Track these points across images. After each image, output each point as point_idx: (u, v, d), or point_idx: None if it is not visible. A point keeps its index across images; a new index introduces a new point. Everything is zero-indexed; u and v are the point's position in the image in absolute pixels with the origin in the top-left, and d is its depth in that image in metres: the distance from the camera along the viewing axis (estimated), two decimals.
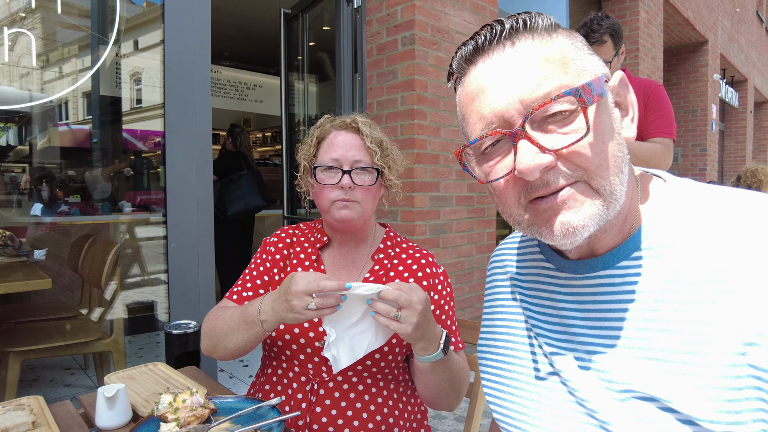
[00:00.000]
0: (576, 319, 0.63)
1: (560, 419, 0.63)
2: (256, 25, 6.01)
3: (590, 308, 0.62)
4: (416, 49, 2.98)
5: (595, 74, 0.58)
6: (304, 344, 1.08)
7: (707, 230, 0.55)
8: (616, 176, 0.56)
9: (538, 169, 0.54)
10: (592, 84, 0.55)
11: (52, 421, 0.93)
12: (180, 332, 1.65)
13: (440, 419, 2.56)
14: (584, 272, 0.63)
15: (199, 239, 2.20)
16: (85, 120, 3.49)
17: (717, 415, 0.49)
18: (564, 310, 0.65)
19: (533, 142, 0.54)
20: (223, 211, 4.05)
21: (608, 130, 0.56)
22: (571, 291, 0.65)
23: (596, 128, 0.55)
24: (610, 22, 2.06)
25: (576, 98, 0.53)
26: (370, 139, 1.12)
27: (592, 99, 0.54)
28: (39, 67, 2.78)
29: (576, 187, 0.55)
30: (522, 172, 0.54)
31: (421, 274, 1.14)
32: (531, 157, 0.54)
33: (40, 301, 2.87)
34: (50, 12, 2.32)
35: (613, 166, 0.55)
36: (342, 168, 1.10)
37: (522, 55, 0.56)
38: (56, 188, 3.25)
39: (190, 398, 0.88)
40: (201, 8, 2.18)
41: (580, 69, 0.57)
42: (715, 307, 0.51)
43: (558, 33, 0.58)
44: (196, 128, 2.17)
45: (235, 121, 7.48)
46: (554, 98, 0.53)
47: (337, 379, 1.06)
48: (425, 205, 3.09)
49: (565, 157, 0.55)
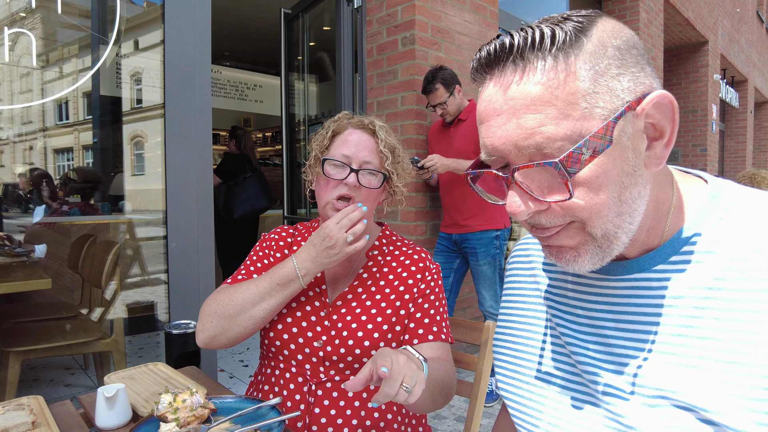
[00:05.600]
0: (607, 321, 0.61)
1: (580, 420, 0.62)
2: (256, 25, 6.01)
3: (623, 310, 0.60)
4: (416, 49, 2.98)
5: (609, 111, 0.51)
6: (302, 344, 1.07)
7: (751, 236, 0.53)
8: (613, 220, 0.53)
9: (524, 214, 0.54)
10: (585, 142, 0.49)
11: (52, 421, 0.93)
12: (180, 332, 1.65)
13: (440, 419, 2.56)
14: (617, 274, 0.61)
15: (199, 239, 2.20)
16: (86, 120, 3.49)
17: (756, 427, 0.47)
18: (594, 311, 0.63)
19: (523, 190, 0.54)
20: (230, 214, 4.10)
21: (609, 180, 0.52)
22: (601, 292, 0.63)
23: (590, 184, 0.51)
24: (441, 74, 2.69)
25: (557, 170, 0.50)
26: (384, 144, 1.11)
27: (580, 163, 0.50)
28: (39, 67, 2.78)
29: (569, 229, 0.55)
30: (511, 214, 0.55)
31: (414, 268, 1.14)
32: (518, 204, 0.54)
33: (40, 301, 2.87)
34: (50, 12, 2.32)
35: (607, 214, 0.53)
36: (351, 165, 1.09)
37: (525, 90, 0.52)
38: (56, 189, 3.26)
39: (190, 398, 0.88)
40: (201, 8, 2.18)
41: (591, 107, 0.50)
42: (758, 317, 0.49)
43: (580, 52, 0.51)
44: (196, 128, 2.17)
45: (235, 121, 7.50)
46: (535, 164, 0.51)
47: (335, 379, 1.06)
48: (425, 205, 3.09)
49: (558, 205, 0.53)
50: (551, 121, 0.50)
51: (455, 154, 2.71)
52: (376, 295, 1.11)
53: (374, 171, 1.11)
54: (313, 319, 1.09)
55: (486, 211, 2.76)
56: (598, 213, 0.52)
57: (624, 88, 0.52)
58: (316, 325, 1.08)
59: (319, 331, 1.08)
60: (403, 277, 1.13)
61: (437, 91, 2.69)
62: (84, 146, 3.61)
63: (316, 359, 1.07)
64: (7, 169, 3.32)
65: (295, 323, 1.09)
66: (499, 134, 0.54)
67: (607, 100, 0.51)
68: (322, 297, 1.13)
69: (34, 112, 3.32)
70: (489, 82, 0.55)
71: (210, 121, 2.22)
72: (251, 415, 0.94)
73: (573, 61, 0.51)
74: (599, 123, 0.50)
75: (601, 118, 0.50)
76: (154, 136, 2.97)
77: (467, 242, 2.78)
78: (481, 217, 2.76)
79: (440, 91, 2.69)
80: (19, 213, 3.21)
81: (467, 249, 2.80)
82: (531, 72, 0.51)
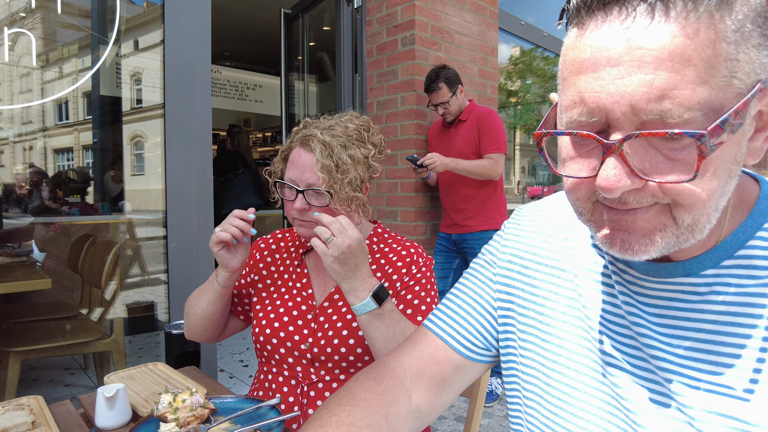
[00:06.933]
0: (646, 321, 0.55)
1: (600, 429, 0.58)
2: (256, 25, 6.01)
3: (665, 314, 0.54)
4: (416, 49, 2.98)
5: (746, 86, 0.43)
6: (291, 347, 1.10)
7: None
8: (710, 213, 0.46)
9: (620, 190, 0.45)
10: (729, 118, 0.41)
11: (51, 421, 0.93)
12: (180, 332, 1.65)
13: (440, 419, 2.56)
14: (659, 276, 0.55)
15: (199, 239, 2.20)
16: (86, 120, 3.49)
17: None
18: (631, 306, 0.57)
19: (626, 163, 0.44)
20: (217, 209, 4.07)
21: (724, 166, 0.45)
22: (640, 291, 0.57)
23: (709, 168, 0.44)
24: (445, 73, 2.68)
25: (697, 144, 0.41)
26: (320, 166, 1.05)
27: (719, 140, 0.42)
28: (39, 67, 2.78)
29: (655, 209, 0.46)
30: (602, 188, 0.45)
31: (400, 264, 1.13)
32: (617, 177, 0.44)
33: (40, 301, 2.87)
34: (50, 12, 2.32)
35: (709, 205, 0.45)
36: (297, 188, 1.07)
37: (660, 38, 0.41)
38: (56, 189, 3.25)
39: (190, 398, 0.88)
40: (201, 8, 2.18)
41: (730, 76, 0.42)
42: None
43: (731, 9, 0.41)
44: (196, 128, 2.17)
45: (235, 121, 7.49)
46: (669, 134, 0.42)
47: (326, 379, 1.08)
48: (425, 205, 3.09)
49: (657, 186, 0.45)
50: (687, 85, 0.41)
51: (455, 154, 2.71)
52: None
53: (319, 191, 1.06)
54: (300, 322, 1.11)
55: (485, 211, 2.76)
56: (699, 202, 0.44)
57: (762, 63, 0.43)
58: (303, 328, 1.10)
59: (305, 333, 1.10)
60: (388, 273, 1.13)
61: (440, 90, 2.69)
62: (84, 146, 3.61)
63: (305, 361, 1.09)
64: (7, 169, 3.32)
65: (282, 327, 1.11)
66: (612, 89, 0.43)
67: (746, 72, 0.42)
68: (309, 300, 1.14)
69: (34, 112, 3.32)
70: (602, 23, 0.44)
71: (210, 121, 2.23)
72: (251, 415, 0.94)
73: (724, 17, 0.41)
74: (734, 97, 0.42)
75: (737, 92, 0.42)
76: (154, 136, 2.97)
77: (467, 242, 2.78)
78: (481, 218, 2.76)
79: (443, 90, 2.69)
80: (19, 213, 3.20)
81: (467, 249, 2.80)
82: (673, 19, 0.41)
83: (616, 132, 0.44)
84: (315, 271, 1.20)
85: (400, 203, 3.11)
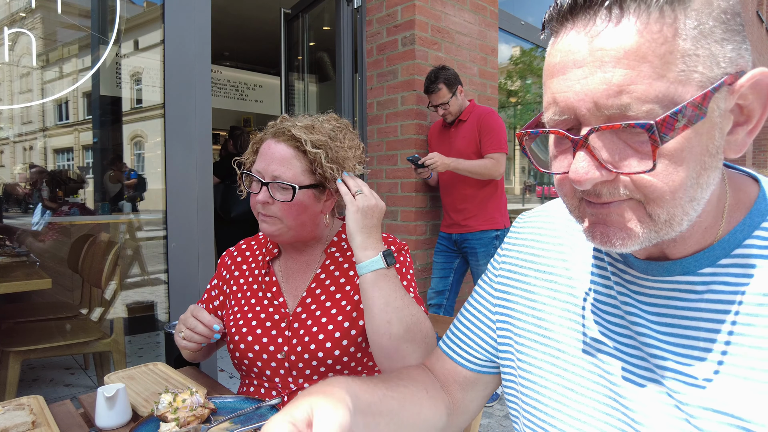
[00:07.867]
0: (645, 320, 0.56)
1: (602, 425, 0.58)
2: (256, 25, 6.01)
3: (664, 312, 0.55)
4: (416, 49, 2.98)
5: (708, 79, 0.45)
6: (267, 360, 1.08)
7: None
8: (683, 205, 0.47)
9: (590, 182, 0.48)
10: (682, 109, 0.43)
11: (51, 421, 0.93)
12: None
13: None
14: (656, 274, 0.56)
15: (199, 239, 2.20)
16: (86, 120, 3.49)
17: None
18: (629, 305, 0.58)
19: (593, 156, 0.48)
20: (227, 213, 4.08)
21: (692, 158, 0.46)
22: (639, 290, 0.58)
23: (673, 157, 0.45)
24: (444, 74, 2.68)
25: (648, 134, 0.44)
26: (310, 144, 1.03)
27: (673, 131, 0.44)
28: (39, 67, 2.78)
29: (628, 204, 0.49)
30: (573, 181, 0.49)
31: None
32: (585, 170, 0.47)
33: (40, 300, 2.87)
34: (50, 12, 2.32)
35: (681, 197, 0.47)
36: (263, 180, 1.05)
37: (617, 39, 0.45)
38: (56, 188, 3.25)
39: (190, 398, 0.88)
40: (201, 8, 2.18)
41: (688, 71, 0.44)
42: None
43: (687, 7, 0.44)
44: (196, 128, 2.17)
45: (235, 121, 7.49)
46: (624, 125, 0.44)
47: (304, 386, 1.06)
48: (425, 205, 3.09)
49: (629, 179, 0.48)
50: (643, 80, 0.44)
51: (456, 154, 2.71)
52: (336, 294, 1.10)
53: (284, 185, 1.04)
54: (274, 333, 1.09)
55: (486, 211, 2.76)
56: (672, 193, 0.46)
57: (726, 57, 0.46)
58: (277, 337, 1.09)
59: (280, 342, 1.08)
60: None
61: (440, 91, 2.69)
62: (84, 146, 3.61)
63: (283, 371, 1.08)
64: (7, 169, 3.32)
65: (255, 340, 1.10)
66: (578, 89, 0.47)
67: (708, 66, 0.45)
68: (281, 308, 1.12)
69: (34, 112, 3.32)
70: (570, 29, 0.48)
71: (210, 121, 2.22)
72: (251, 415, 0.94)
73: (678, 15, 0.44)
74: (696, 90, 0.44)
75: (698, 85, 0.44)
76: (154, 136, 2.97)
77: (467, 242, 2.78)
78: (481, 217, 2.76)
79: (443, 91, 2.69)
80: (19, 213, 3.20)
81: (467, 249, 2.80)
82: (628, 21, 0.45)
83: (585, 128, 0.48)
84: (284, 277, 1.17)
85: (400, 203, 3.11)
